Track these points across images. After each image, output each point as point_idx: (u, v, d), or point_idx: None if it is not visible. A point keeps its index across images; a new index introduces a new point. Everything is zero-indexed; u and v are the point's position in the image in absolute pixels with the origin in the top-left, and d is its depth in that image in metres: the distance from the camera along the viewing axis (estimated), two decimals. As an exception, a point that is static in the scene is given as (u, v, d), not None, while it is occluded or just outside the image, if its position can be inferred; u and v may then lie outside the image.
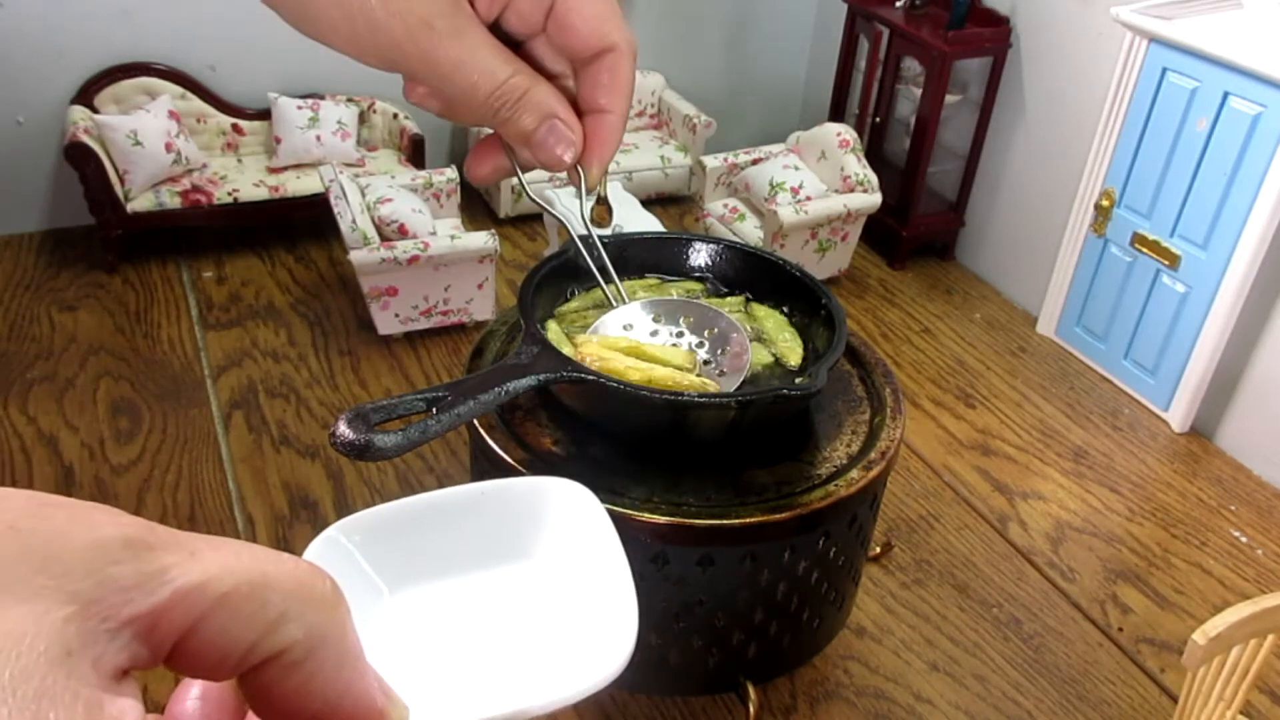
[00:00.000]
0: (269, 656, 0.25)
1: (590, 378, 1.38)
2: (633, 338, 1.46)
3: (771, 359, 1.69)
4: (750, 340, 1.72)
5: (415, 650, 0.43)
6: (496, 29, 0.50)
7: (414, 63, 0.47)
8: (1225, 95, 2.85)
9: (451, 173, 3.68)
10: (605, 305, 1.77)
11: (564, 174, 0.56)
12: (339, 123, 3.83)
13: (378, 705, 0.28)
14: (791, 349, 1.71)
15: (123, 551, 0.22)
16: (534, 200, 0.57)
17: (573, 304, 1.78)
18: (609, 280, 0.94)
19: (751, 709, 1.98)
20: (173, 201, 3.60)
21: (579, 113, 0.53)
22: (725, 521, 1.56)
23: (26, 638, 0.20)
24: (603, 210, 3.55)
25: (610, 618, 0.42)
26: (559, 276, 1.74)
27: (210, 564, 0.24)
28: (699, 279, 1.82)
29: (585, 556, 0.45)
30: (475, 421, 1.66)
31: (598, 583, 0.44)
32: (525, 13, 0.50)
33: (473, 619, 0.44)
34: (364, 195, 3.32)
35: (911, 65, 3.83)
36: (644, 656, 1.81)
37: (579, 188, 0.58)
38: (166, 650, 0.23)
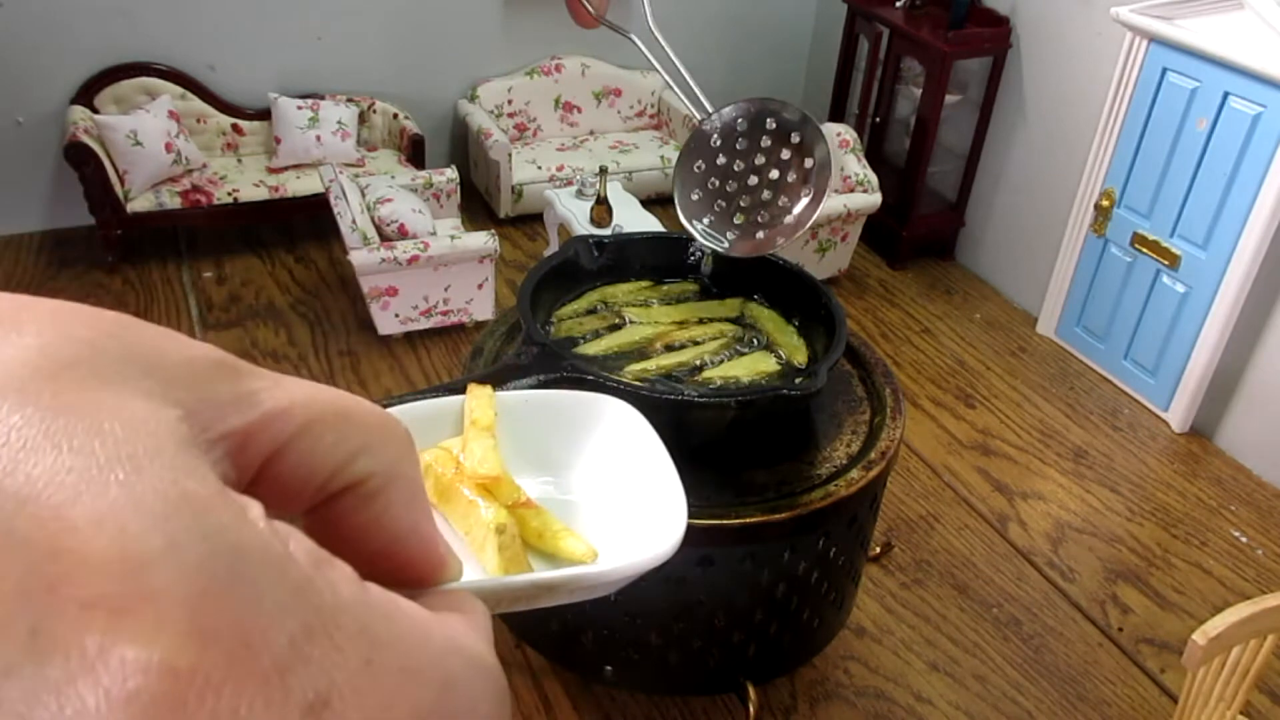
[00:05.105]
0: (346, 486, 0.25)
1: (590, 378, 1.38)
2: None
3: (776, 368, 1.69)
4: (759, 349, 1.72)
5: None
6: None
7: None
8: (1225, 95, 2.85)
9: (451, 173, 3.68)
10: (603, 307, 1.77)
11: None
12: (339, 123, 3.83)
13: (439, 550, 0.28)
14: (798, 349, 1.71)
15: (215, 370, 0.23)
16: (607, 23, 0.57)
17: (571, 305, 1.78)
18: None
19: (751, 709, 1.98)
20: (173, 201, 3.60)
21: None
22: (725, 521, 1.56)
23: (150, 422, 0.20)
24: (602, 210, 3.55)
25: (658, 508, 0.44)
26: (559, 277, 1.74)
27: (295, 392, 0.24)
28: (698, 279, 1.82)
29: (629, 461, 0.47)
30: (475, 421, 1.66)
31: (643, 483, 0.46)
32: None
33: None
34: (364, 195, 3.32)
35: (911, 65, 3.83)
36: (644, 656, 1.81)
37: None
38: (252, 473, 0.23)
